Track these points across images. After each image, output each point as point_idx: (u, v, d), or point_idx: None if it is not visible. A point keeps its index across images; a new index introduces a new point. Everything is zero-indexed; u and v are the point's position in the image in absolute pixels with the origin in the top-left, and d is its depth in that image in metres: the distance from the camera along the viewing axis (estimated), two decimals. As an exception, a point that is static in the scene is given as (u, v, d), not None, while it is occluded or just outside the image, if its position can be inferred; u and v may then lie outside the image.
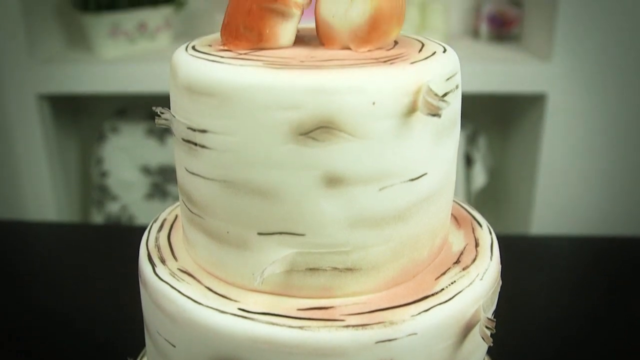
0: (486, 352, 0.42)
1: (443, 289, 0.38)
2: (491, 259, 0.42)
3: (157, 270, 0.41)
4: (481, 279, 0.40)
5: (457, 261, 0.42)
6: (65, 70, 1.42)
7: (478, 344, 0.39)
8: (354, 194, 0.36)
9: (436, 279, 0.40)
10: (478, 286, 0.39)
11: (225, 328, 0.36)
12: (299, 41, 0.41)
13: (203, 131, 0.37)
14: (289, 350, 0.35)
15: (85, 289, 0.77)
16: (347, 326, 0.35)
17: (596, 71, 1.35)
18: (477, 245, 0.44)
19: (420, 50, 0.39)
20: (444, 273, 0.40)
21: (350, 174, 0.35)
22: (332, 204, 0.36)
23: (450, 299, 0.37)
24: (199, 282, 0.39)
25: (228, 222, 0.38)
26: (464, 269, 0.41)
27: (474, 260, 0.42)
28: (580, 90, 1.36)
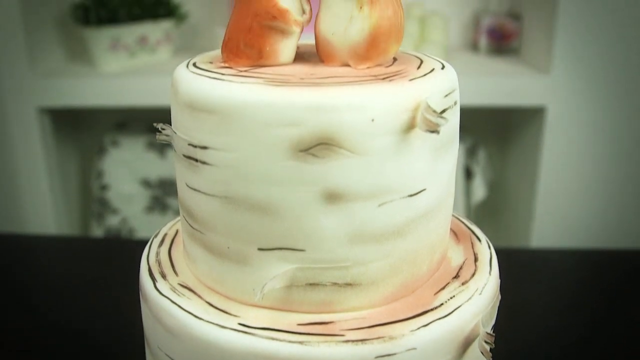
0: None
1: (442, 304, 0.39)
2: (490, 274, 0.42)
3: (158, 285, 0.41)
4: (480, 294, 0.40)
5: (456, 276, 0.42)
6: (65, 83, 1.42)
7: (477, 359, 0.40)
8: (354, 210, 0.36)
9: (435, 294, 0.40)
10: (477, 301, 0.39)
11: (225, 343, 0.36)
12: (299, 58, 0.41)
13: (204, 147, 0.37)
14: (289, 365, 0.35)
15: (85, 303, 0.77)
16: (347, 341, 0.35)
17: (595, 84, 1.35)
18: (476, 260, 0.44)
19: (418, 67, 0.40)
20: (443, 288, 0.41)
21: (349, 190, 0.35)
22: (332, 220, 0.36)
23: (449, 314, 0.38)
24: (200, 297, 0.40)
25: (228, 238, 0.38)
26: (463, 284, 0.41)
27: (473, 275, 0.42)
28: (579, 102, 1.36)
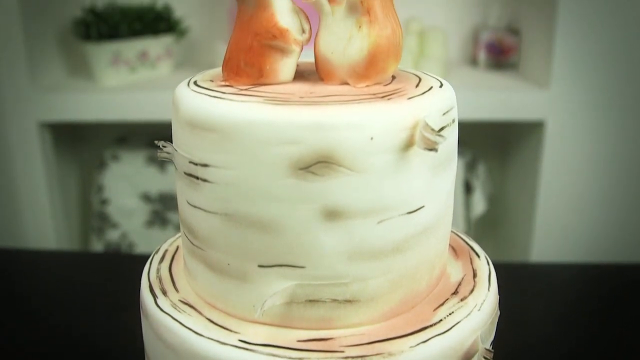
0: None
1: (441, 320, 0.39)
2: (489, 290, 0.42)
3: (159, 301, 0.41)
4: (479, 310, 0.40)
5: (455, 292, 0.42)
6: (66, 98, 1.42)
7: (477, 375, 0.40)
8: (353, 227, 0.36)
9: (434, 310, 0.40)
10: (476, 317, 0.39)
11: (226, 359, 0.36)
12: (299, 76, 0.42)
13: (204, 165, 0.37)
14: (289, 381, 0.35)
15: (85, 317, 0.77)
16: (347, 357, 0.35)
17: (594, 98, 1.35)
18: (475, 275, 0.44)
19: (417, 85, 0.40)
20: (442, 304, 0.41)
21: (349, 208, 0.36)
22: (332, 237, 0.36)
23: (448, 330, 0.38)
24: (200, 314, 0.40)
25: (229, 255, 0.38)
26: (462, 300, 0.41)
27: (472, 291, 0.42)
28: (578, 116, 1.37)
